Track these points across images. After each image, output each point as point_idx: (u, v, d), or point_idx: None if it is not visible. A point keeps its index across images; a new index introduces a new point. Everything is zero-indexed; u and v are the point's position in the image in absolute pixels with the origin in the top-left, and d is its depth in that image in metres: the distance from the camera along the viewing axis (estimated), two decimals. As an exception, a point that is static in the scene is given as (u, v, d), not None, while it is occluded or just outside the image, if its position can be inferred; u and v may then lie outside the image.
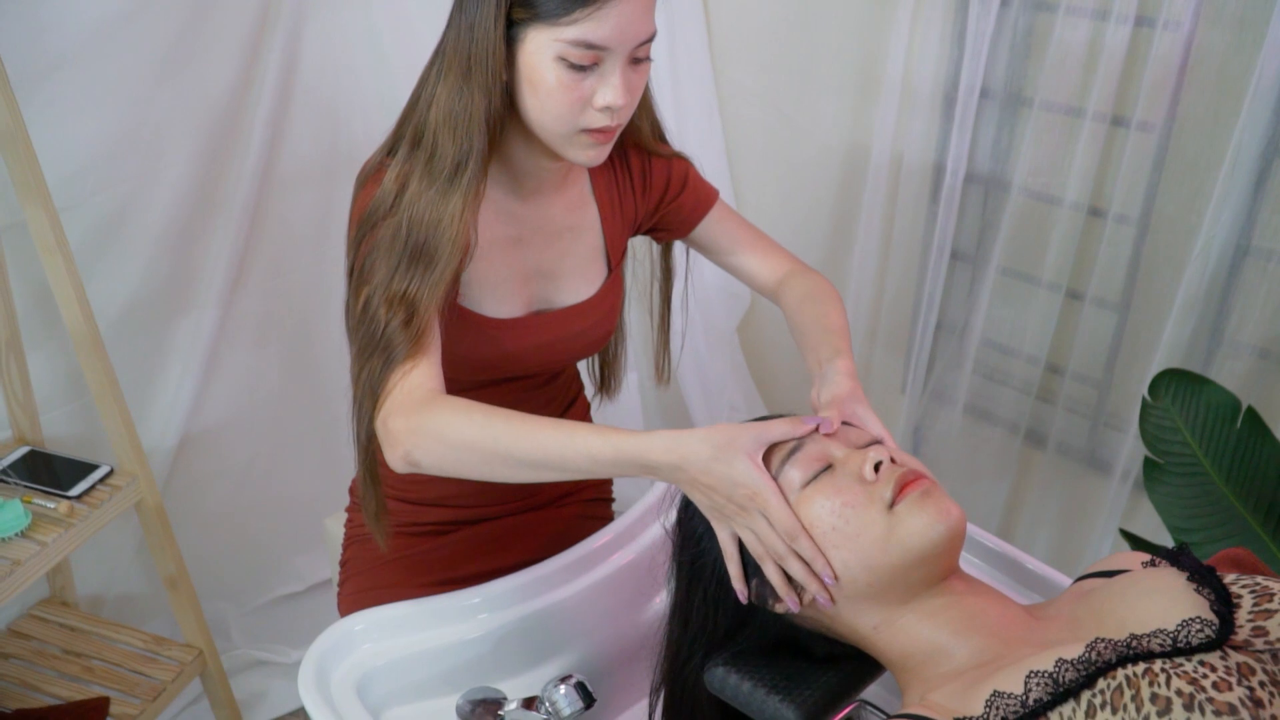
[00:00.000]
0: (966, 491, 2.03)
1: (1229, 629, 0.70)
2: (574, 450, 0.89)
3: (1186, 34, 1.51)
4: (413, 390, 0.97)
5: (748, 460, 0.85)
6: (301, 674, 1.01)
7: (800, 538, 0.84)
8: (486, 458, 0.92)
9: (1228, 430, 1.34)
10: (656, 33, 1.01)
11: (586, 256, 1.21)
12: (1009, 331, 1.90)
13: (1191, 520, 1.33)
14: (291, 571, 2.11)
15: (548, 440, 0.90)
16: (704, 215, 1.27)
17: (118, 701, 1.59)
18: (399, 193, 1.03)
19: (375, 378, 1.00)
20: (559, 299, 1.19)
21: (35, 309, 1.61)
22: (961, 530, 0.83)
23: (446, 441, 0.93)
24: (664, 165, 1.25)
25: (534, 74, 0.99)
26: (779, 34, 2.04)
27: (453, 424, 0.93)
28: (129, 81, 1.61)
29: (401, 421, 0.96)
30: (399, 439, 0.96)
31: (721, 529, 0.89)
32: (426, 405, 0.96)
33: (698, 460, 0.85)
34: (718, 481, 0.85)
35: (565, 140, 1.03)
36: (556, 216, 1.18)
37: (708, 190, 1.29)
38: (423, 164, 1.03)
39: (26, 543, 1.41)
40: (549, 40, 0.96)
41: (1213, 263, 1.55)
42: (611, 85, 0.99)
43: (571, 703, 0.99)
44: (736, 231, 1.29)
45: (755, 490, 0.84)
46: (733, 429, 0.86)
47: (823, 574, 0.83)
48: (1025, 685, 0.70)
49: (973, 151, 1.84)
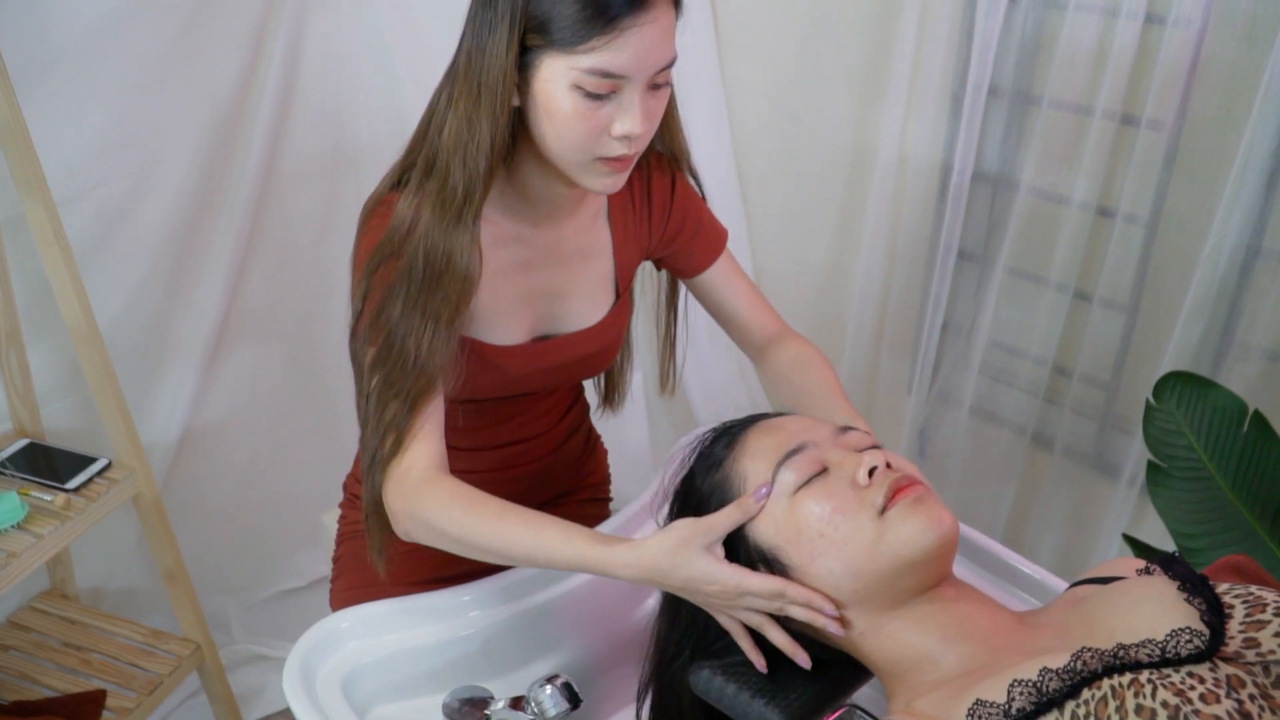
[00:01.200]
0: (972, 494, 2.01)
1: (1219, 640, 0.68)
2: (541, 552, 0.94)
3: (1197, 31, 1.49)
4: (411, 469, 1.01)
5: (705, 558, 0.87)
6: (286, 670, 1.00)
7: (786, 591, 0.84)
8: (468, 548, 0.99)
9: (1234, 434, 1.32)
10: (676, 57, 0.97)
11: (595, 281, 1.18)
12: (1016, 332, 1.88)
13: (1196, 526, 1.30)
14: (293, 567, 2.11)
15: (520, 540, 0.95)
16: (710, 264, 1.25)
17: (114, 695, 1.59)
18: (412, 224, 1.00)
19: (402, 420, 1.02)
20: (564, 323, 1.17)
21: (37, 302, 1.61)
22: (953, 539, 0.81)
23: (434, 531, 0.99)
24: (681, 206, 1.21)
25: (549, 102, 0.95)
26: (786, 32, 2.03)
27: (438, 516, 0.98)
28: (131, 77, 1.61)
29: (399, 504, 1.01)
30: (397, 519, 1.02)
31: (719, 615, 0.91)
32: (419, 490, 1.00)
33: (660, 574, 0.89)
34: (688, 584, 0.88)
35: (581, 168, 1.00)
36: (568, 239, 1.15)
37: (719, 235, 1.26)
38: (435, 193, 1.00)
39: (23, 535, 1.41)
40: (565, 69, 0.92)
41: (1223, 264, 1.53)
42: (630, 114, 0.95)
43: (557, 703, 0.98)
44: (735, 285, 1.26)
45: (723, 583, 0.86)
46: (685, 529, 0.88)
47: (823, 609, 0.83)
48: (1008, 694, 0.68)
49: (980, 150, 1.82)
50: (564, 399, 1.31)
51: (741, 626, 0.90)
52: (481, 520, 0.96)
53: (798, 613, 0.85)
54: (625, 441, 2.16)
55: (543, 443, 1.28)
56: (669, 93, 1.02)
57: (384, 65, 1.85)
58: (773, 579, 0.84)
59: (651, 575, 0.89)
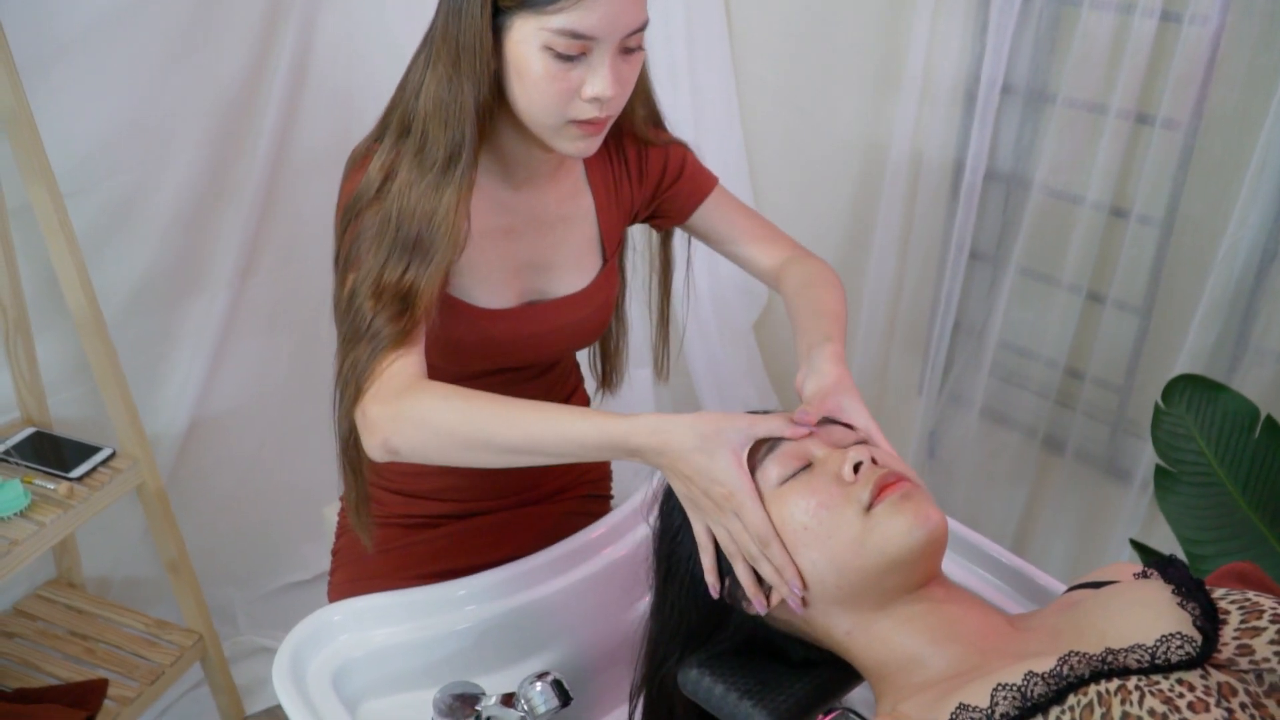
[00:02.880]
0: (981, 497, 1.99)
1: (1211, 646, 0.66)
2: (557, 434, 0.88)
3: (1215, 28, 1.46)
4: (393, 377, 0.96)
5: (730, 456, 0.83)
6: (276, 663, 1.00)
7: (772, 543, 0.81)
8: (468, 443, 0.91)
9: (1245, 439, 1.29)
10: (648, 21, 0.98)
11: (581, 247, 1.19)
12: (1028, 334, 1.86)
13: (1204, 532, 1.28)
14: (298, 559, 2.11)
15: (531, 424, 0.89)
16: (701, 201, 1.24)
17: (116, 684, 1.59)
18: (385, 181, 1.01)
19: (360, 368, 0.98)
20: (552, 290, 1.17)
21: (45, 292, 1.61)
22: (942, 537, 0.79)
23: (427, 427, 0.92)
24: (660, 152, 1.22)
25: (521, 63, 0.96)
26: (799, 28, 2.01)
27: (433, 409, 0.92)
28: (140, 66, 1.62)
29: (380, 408, 0.94)
30: (377, 426, 0.94)
31: (697, 521, 0.87)
32: (407, 391, 0.94)
33: (681, 448, 0.83)
34: (697, 473, 0.84)
35: (554, 131, 1.00)
36: (550, 206, 1.15)
37: (706, 176, 1.26)
38: (412, 153, 1.00)
39: (25, 522, 1.42)
40: (535, 29, 0.93)
41: (1239, 266, 1.50)
42: (600, 76, 0.96)
43: (547, 700, 0.97)
44: (735, 218, 1.26)
45: (732, 490, 0.82)
46: (722, 420, 0.84)
47: (791, 582, 0.81)
48: (992, 699, 0.67)
49: (993, 148, 1.79)
50: (561, 386, 1.31)
51: (709, 539, 0.87)
52: (486, 405, 0.90)
53: (767, 570, 0.82)
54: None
55: (540, 433, 1.27)
56: (642, 57, 1.02)
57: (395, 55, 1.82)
58: (769, 524, 0.81)
59: (668, 446, 0.83)
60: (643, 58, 1.03)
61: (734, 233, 1.26)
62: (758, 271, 1.27)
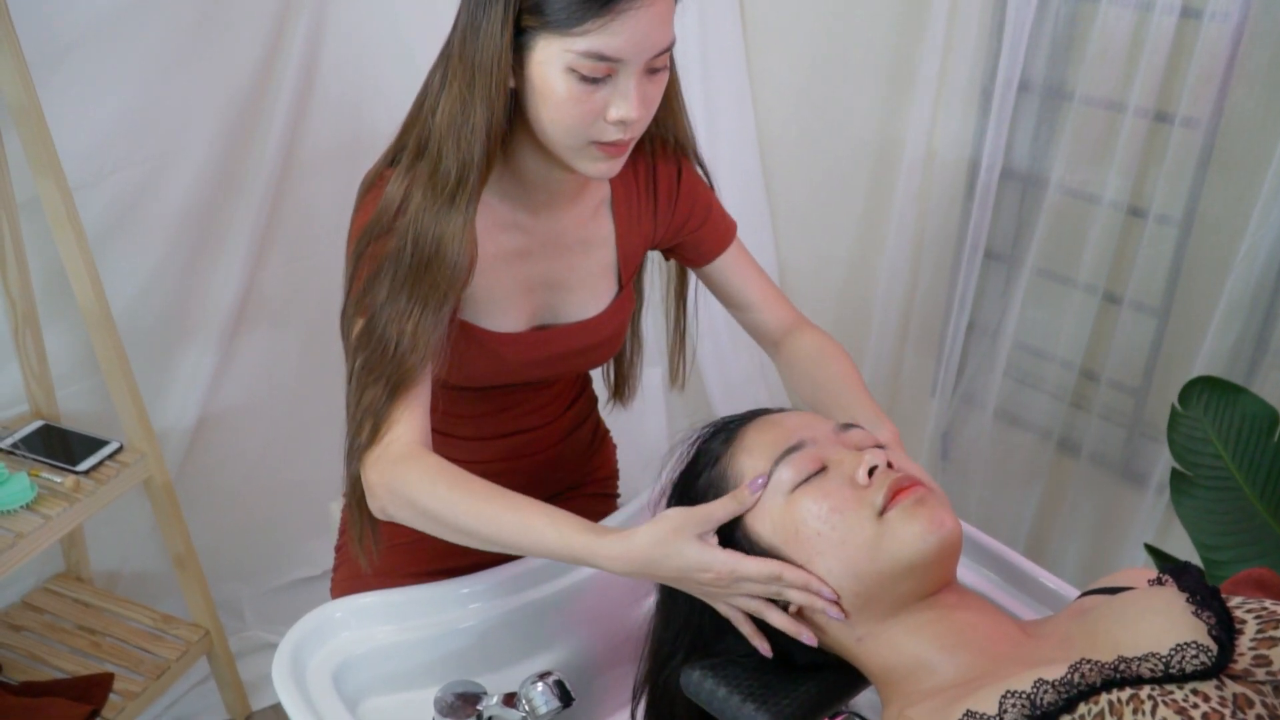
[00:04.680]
0: (995, 499, 1.97)
1: (1227, 656, 0.65)
2: (528, 539, 0.91)
3: (1235, 25, 1.44)
4: (392, 443, 0.98)
5: (697, 545, 0.84)
6: (276, 660, 0.99)
7: (783, 575, 0.81)
8: (449, 529, 0.95)
9: (1264, 443, 1.27)
10: (675, 41, 0.95)
11: (596, 272, 1.16)
12: (1043, 334, 1.84)
13: (1221, 537, 1.26)
14: (306, 555, 2.10)
15: (504, 523, 0.92)
16: (719, 253, 1.22)
17: (122, 678, 1.59)
18: (403, 205, 0.99)
19: (380, 407, 0.99)
20: (564, 313, 1.15)
21: (55, 285, 1.61)
22: (956, 543, 0.78)
23: (414, 507, 0.96)
24: (689, 196, 1.19)
25: (544, 85, 0.93)
26: (813, 25, 1.99)
27: (420, 492, 0.95)
28: (149, 62, 1.62)
29: (378, 476, 0.98)
30: (375, 493, 0.98)
31: (719, 605, 0.88)
32: (400, 464, 0.97)
33: (651, 565, 0.86)
34: (679, 574, 0.85)
35: (575, 152, 0.98)
36: (569, 229, 1.12)
37: (727, 226, 1.23)
38: (427, 176, 0.98)
39: (31, 516, 1.42)
40: (559, 51, 0.90)
41: (1259, 267, 1.48)
42: (625, 98, 0.93)
43: (548, 700, 0.96)
44: (746, 274, 1.23)
45: (717, 570, 0.83)
46: (677, 517, 0.85)
47: (821, 593, 0.80)
48: (1000, 706, 0.65)
49: (1009, 147, 1.77)
50: (568, 390, 1.29)
51: (742, 614, 0.87)
52: (467, 498, 0.93)
53: (795, 596, 0.82)
54: (643, 436, 2.14)
55: (547, 434, 1.26)
56: (668, 77, 1.00)
57: (404, 53, 1.83)
58: (768, 561, 0.81)
59: (643, 567, 0.85)
60: (667, 78, 0.99)
61: (744, 291, 1.23)
62: (758, 332, 1.25)
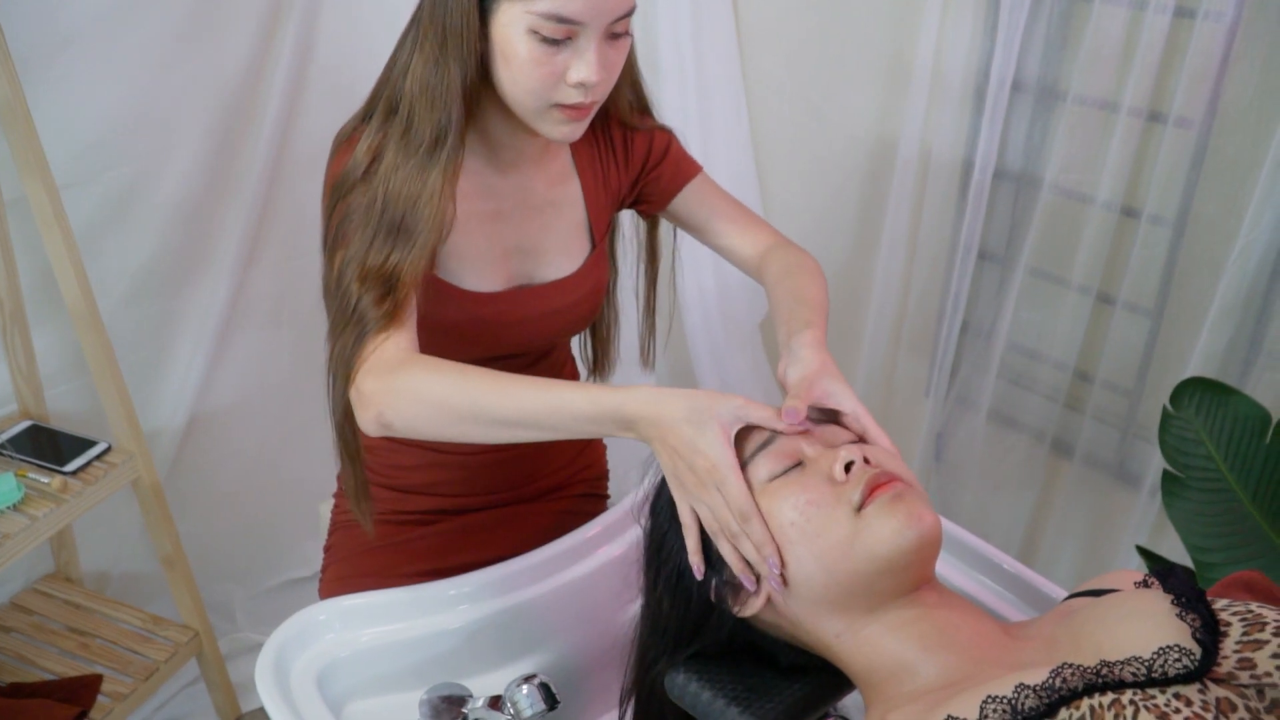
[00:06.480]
0: (988, 501, 1.96)
1: (1211, 659, 0.64)
2: (550, 406, 0.87)
3: (1229, 25, 1.43)
4: (386, 352, 0.96)
5: (718, 430, 0.82)
6: (259, 663, 0.98)
7: (753, 518, 0.80)
8: (460, 416, 0.91)
9: (1256, 445, 1.26)
10: (635, 7, 0.98)
11: (569, 232, 1.18)
12: (1037, 335, 1.83)
13: (1212, 539, 1.25)
14: (298, 556, 2.10)
15: (524, 397, 0.88)
16: (683, 186, 1.23)
17: (111, 680, 1.58)
18: (372, 162, 1.01)
19: (348, 351, 0.98)
20: (541, 274, 1.17)
21: (43, 285, 1.61)
22: (935, 539, 0.77)
23: (421, 399, 0.92)
24: (645, 137, 1.21)
25: (506, 47, 0.96)
26: (807, 23, 1.98)
27: (427, 381, 0.92)
28: (141, 59, 1.61)
29: (374, 382, 0.94)
30: (371, 400, 0.94)
31: (681, 501, 0.85)
32: (400, 365, 0.94)
33: (672, 418, 0.83)
34: (683, 444, 0.83)
35: (538, 115, 1.00)
36: (537, 191, 1.15)
37: (689, 163, 1.25)
38: (398, 135, 1.01)
39: (18, 516, 1.41)
40: (521, 12, 0.94)
41: (1252, 268, 1.47)
42: (586, 61, 0.96)
43: (533, 703, 0.96)
44: (716, 204, 1.24)
45: (715, 462, 0.81)
46: (716, 397, 0.83)
47: (769, 560, 0.79)
48: (981, 711, 0.64)
49: (1003, 147, 1.76)
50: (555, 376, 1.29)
51: (693, 519, 0.85)
52: (482, 380, 0.90)
53: (748, 548, 0.80)
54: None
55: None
56: (629, 43, 1.02)
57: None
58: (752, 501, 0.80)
59: (660, 416, 0.82)
60: (629, 43, 1.02)
61: (715, 219, 1.24)
62: (739, 260, 1.25)
